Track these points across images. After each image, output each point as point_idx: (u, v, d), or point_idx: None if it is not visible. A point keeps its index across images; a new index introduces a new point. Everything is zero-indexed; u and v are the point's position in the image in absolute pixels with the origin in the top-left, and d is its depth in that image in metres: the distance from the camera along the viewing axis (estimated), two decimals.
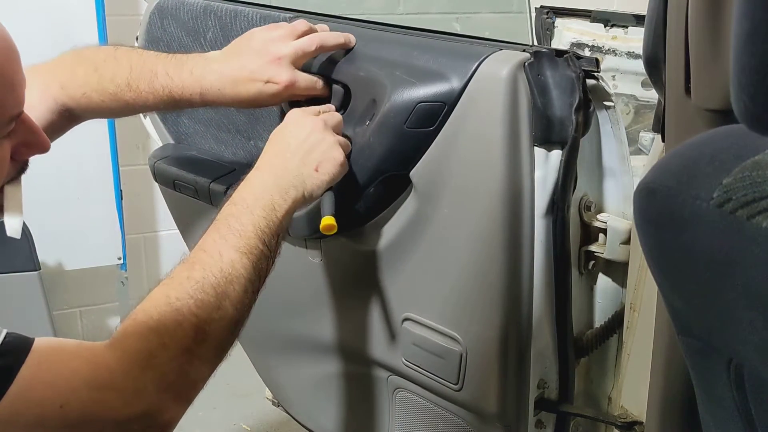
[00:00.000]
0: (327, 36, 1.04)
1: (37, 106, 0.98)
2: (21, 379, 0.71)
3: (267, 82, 0.99)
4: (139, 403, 0.75)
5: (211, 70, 1.01)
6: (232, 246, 0.84)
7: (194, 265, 0.83)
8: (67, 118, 1.04)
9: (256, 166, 0.94)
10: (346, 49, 1.05)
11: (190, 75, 1.01)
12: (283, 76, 0.99)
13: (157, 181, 1.33)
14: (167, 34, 1.28)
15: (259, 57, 1.00)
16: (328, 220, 0.93)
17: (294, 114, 0.99)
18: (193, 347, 0.79)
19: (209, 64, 1.02)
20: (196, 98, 1.02)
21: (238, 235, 0.85)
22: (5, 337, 0.72)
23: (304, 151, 0.94)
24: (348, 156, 0.99)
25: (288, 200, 0.90)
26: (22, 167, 0.88)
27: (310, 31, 1.04)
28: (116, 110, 1.06)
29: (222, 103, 1.03)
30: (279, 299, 1.25)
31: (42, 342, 0.75)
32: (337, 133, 0.98)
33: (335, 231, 0.93)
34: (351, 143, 1.02)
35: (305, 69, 1.03)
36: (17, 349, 0.73)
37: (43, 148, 0.86)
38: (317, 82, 1.03)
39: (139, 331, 0.77)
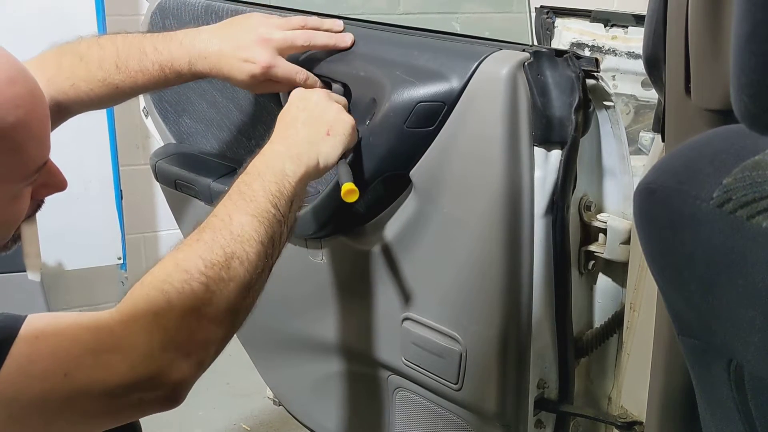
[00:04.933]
0: (318, 35, 1.05)
1: None
2: (18, 354, 0.69)
3: (246, 60, 1.00)
4: (145, 364, 0.72)
5: (200, 39, 1.03)
6: (242, 210, 0.84)
7: (204, 229, 0.82)
8: (56, 112, 1.03)
9: (269, 141, 0.94)
10: (340, 49, 1.05)
11: (179, 45, 1.03)
12: (263, 57, 1.00)
13: (158, 180, 1.33)
14: None
15: (248, 35, 1.01)
16: (348, 186, 0.91)
17: (297, 91, 1.00)
18: (200, 307, 0.76)
19: (199, 33, 1.04)
20: (185, 68, 1.03)
21: (248, 199, 0.85)
22: None
23: (314, 118, 0.95)
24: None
25: (301, 166, 0.90)
26: (39, 205, 0.88)
27: (306, 27, 1.05)
28: (105, 98, 1.06)
29: (206, 74, 1.04)
30: (279, 299, 1.25)
31: (36, 317, 0.72)
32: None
33: (357, 196, 0.91)
34: None
35: (304, 66, 1.04)
36: (8, 326, 0.70)
37: (61, 188, 0.87)
38: (298, 73, 1.03)
39: (146, 293, 0.76)
